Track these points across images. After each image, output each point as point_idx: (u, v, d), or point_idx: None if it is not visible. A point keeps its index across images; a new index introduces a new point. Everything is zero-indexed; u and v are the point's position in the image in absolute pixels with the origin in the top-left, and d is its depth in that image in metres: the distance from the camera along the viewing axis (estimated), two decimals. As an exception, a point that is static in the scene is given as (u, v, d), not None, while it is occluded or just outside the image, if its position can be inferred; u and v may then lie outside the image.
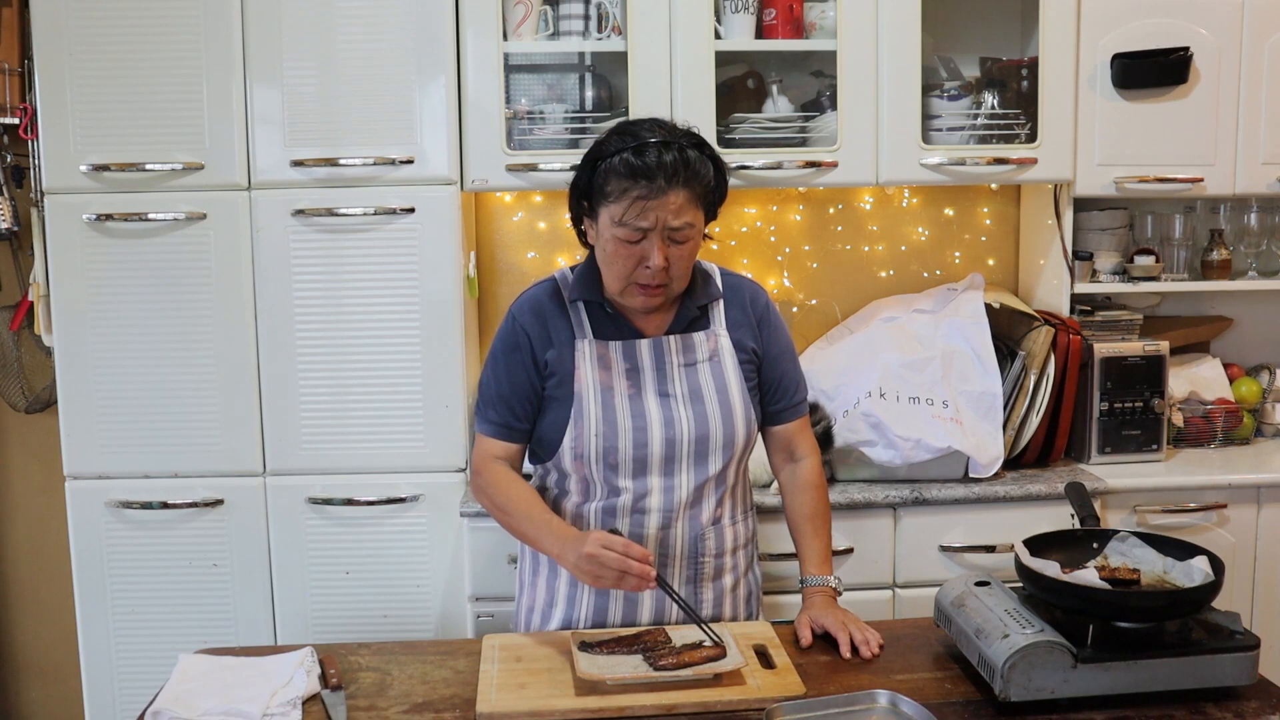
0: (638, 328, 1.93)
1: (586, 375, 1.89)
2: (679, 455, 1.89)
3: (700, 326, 1.95)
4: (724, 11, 2.68)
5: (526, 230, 3.05)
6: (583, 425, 1.88)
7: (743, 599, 2.01)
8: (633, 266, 1.82)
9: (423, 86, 2.58)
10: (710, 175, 1.83)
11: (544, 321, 1.92)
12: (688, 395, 1.90)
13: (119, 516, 2.65)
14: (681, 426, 1.89)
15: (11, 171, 2.89)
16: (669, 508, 1.90)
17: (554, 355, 1.90)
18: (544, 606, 1.98)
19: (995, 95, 2.82)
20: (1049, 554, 1.73)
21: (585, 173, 1.85)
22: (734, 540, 1.98)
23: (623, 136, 1.81)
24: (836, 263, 3.12)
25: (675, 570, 1.93)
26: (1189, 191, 2.82)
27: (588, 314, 1.92)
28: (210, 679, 1.70)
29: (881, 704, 1.58)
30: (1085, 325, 2.84)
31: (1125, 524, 2.62)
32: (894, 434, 2.54)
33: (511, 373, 1.92)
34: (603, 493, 1.91)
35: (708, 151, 1.83)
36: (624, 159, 1.78)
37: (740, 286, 2.01)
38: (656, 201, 1.77)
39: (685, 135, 1.82)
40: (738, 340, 1.95)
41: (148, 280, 2.60)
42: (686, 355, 1.92)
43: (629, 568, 1.70)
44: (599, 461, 1.88)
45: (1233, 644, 1.60)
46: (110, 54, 2.54)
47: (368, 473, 2.65)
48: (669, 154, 1.77)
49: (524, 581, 2.04)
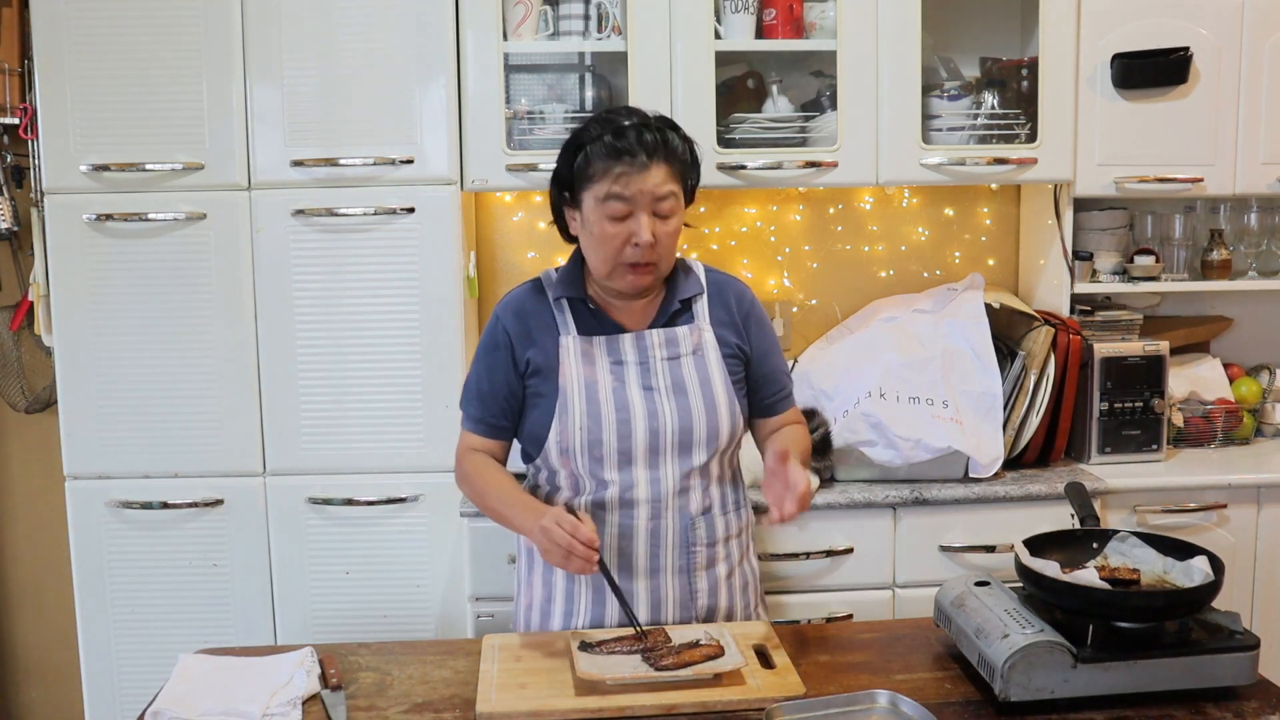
0: (620, 323, 1.95)
1: (571, 370, 1.91)
2: (663, 447, 1.91)
3: (684, 321, 1.97)
4: (724, 11, 2.68)
5: (526, 230, 3.05)
6: (567, 419, 1.90)
7: (739, 588, 2.01)
8: (621, 244, 1.86)
9: (423, 86, 2.58)
10: (686, 154, 1.92)
11: (525, 320, 1.96)
12: (671, 388, 1.92)
13: (119, 516, 2.65)
14: (665, 419, 1.90)
15: (11, 171, 2.89)
16: (656, 498, 1.91)
17: (536, 353, 1.93)
18: (542, 602, 1.98)
19: (995, 95, 2.82)
20: (1049, 554, 1.73)
21: (566, 161, 1.91)
22: (725, 530, 1.99)
23: (600, 123, 1.90)
24: (836, 263, 3.12)
25: (667, 560, 1.94)
26: (1189, 191, 2.82)
27: (571, 311, 1.95)
28: (210, 679, 1.71)
29: (881, 704, 1.58)
30: (1085, 325, 2.84)
31: (1125, 524, 2.62)
32: (894, 434, 2.54)
33: (492, 371, 1.96)
34: (591, 486, 1.92)
35: (681, 134, 1.93)
36: (605, 141, 1.86)
37: (724, 283, 2.04)
38: (639, 175, 1.84)
39: (659, 119, 1.91)
40: (721, 336, 1.98)
41: (148, 280, 2.60)
42: (670, 349, 1.95)
43: (573, 548, 1.74)
44: (584, 454, 1.90)
45: (1232, 644, 1.60)
46: (110, 54, 2.54)
47: (368, 473, 2.65)
48: (648, 133, 1.86)
49: (521, 579, 2.05)
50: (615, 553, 1.92)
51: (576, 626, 1.93)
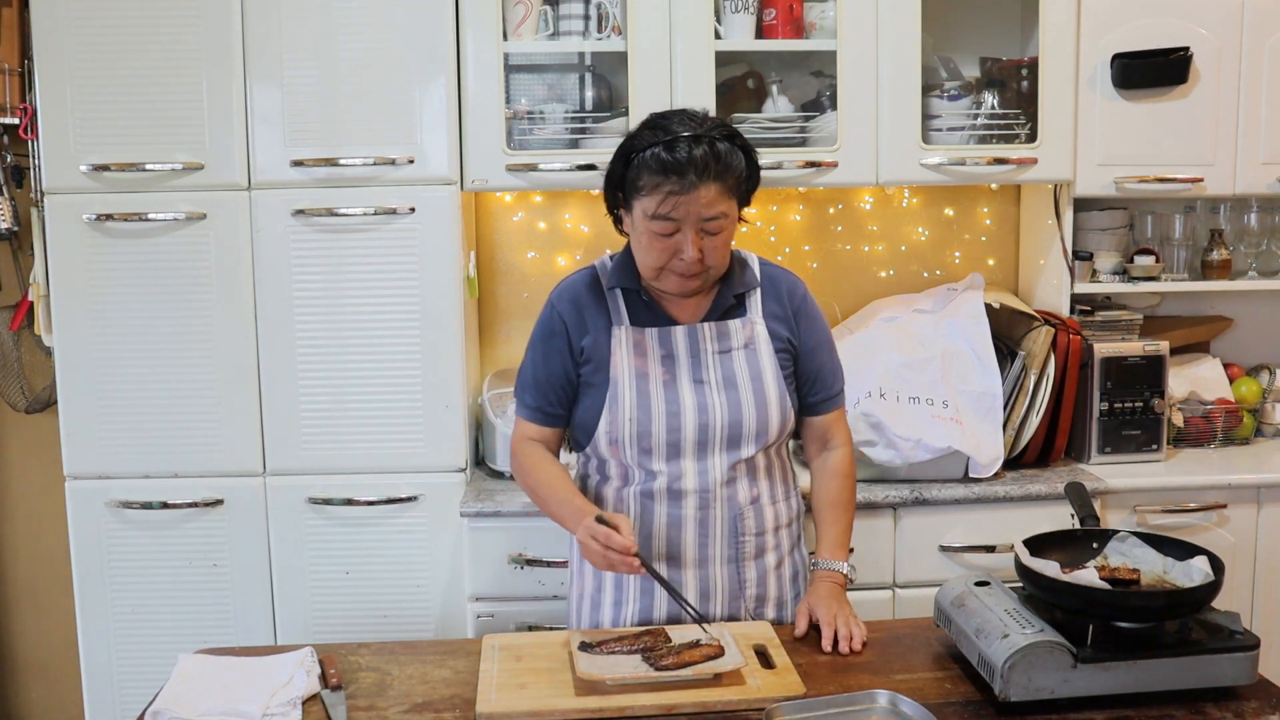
0: (673, 315, 1.95)
1: (622, 361, 1.92)
2: (711, 440, 1.92)
3: (736, 314, 1.97)
4: (724, 11, 2.68)
5: (526, 230, 3.05)
6: (618, 410, 1.91)
7: (788, 578, 2.02)
8: (668, 257, 1.85)
9: (423, 86, 2.58)
10: (742, 165, 1.85)
11: (580, 309, 1.96)
12: (722, 382, 1.92)
13: (119, 516, 2.65)
14: (715, 413, 1.91)
15: (11, 171, 2.89)
16: (705, 488, 1.92)
17: (590, 342, 1.94)
18: (593, 593, 2.01)
19: (995, 95, 2.82)
20: (1049, 554, 1.73)
21: (619, 165, 1.88)
22: (775, 519, 1.99)
23: (654, 130, 1.83)
24: (836, 263, 3.12)
25: (716, 550, 1.94)
26: (1189, 191, 2.82)
27: (625, 301, 1.95)
28: (210, 679, 1.71)
29: (881, 704, 1.58)
30: (1085, 325, 2.84)
31: (1125, 524, 2.62)
32: (894, 434, 2.54)
33: (548, 359, 1.97)
34: (639, 477, 1.94)
35: (738, 142, 1.85)
36: (655, 154, 1.80)
37: (777, 277, 2.03)
38: (688, 196, 1.79)
39: (716, 127, 1.83)
40: (773, 330, 1.98)
41: (148, 280, 2.60)
42: (721, 343, 1.95)
43: (611, 559, 1.75)
44: (633, 445, 1.91)
45: (1232, 644, 1.60)
46: (110, 54, 2.54)
47: (368, 473, 2.65)
48: (699, 148, 1.78)
49: (574, 571, 2.08)
50: (664, 541, 1.93)
51: (626, 618, 1.95)
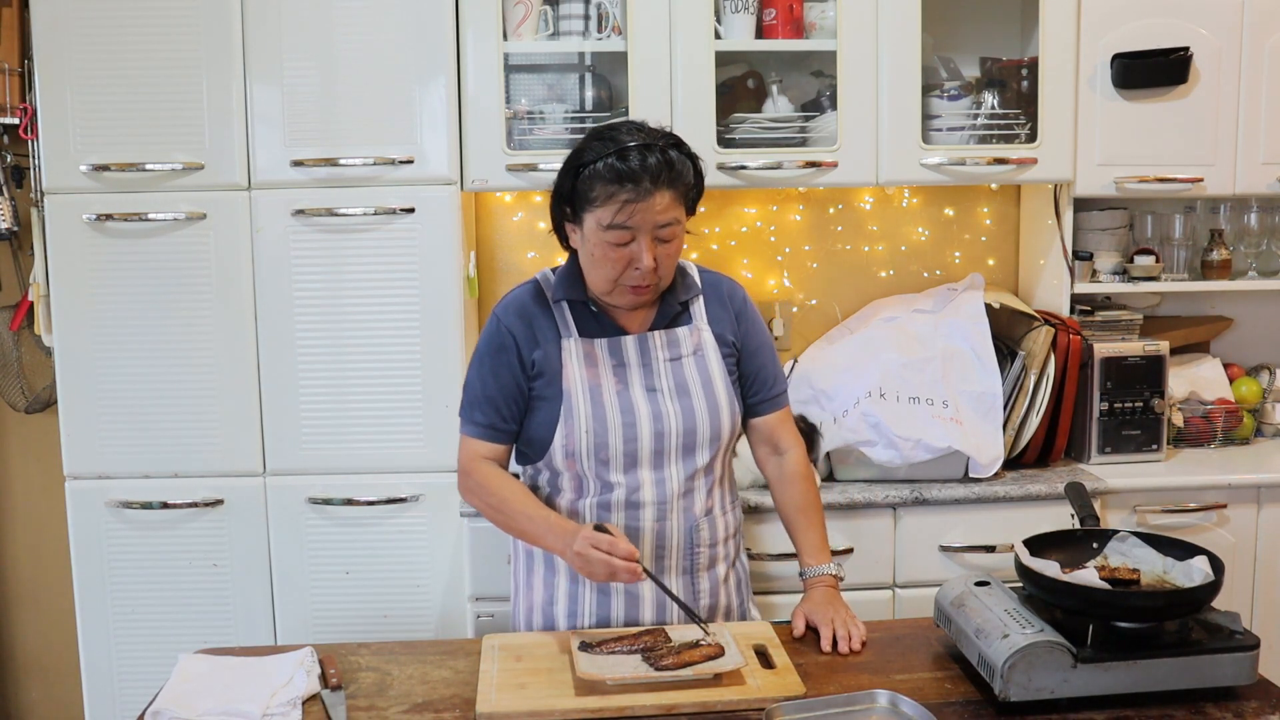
0: (621, 325, 1.95)
1: (574, 373, 1.91)
2: (668, 449, 1.91)
3: (683, 322, 1.97)
4: (724, 11, 2.68)
5: (526, 230, 3.05)
6: (573, 423, 1.89)
7: (734, 588, 2.03)
8: (621, 269, 1.84)
9: (423, 86, 2.58)
10: (690, 174, 1.86)
11: (529, 322, 1.94)
12: (674, 390, 1.93)
13: (119, 516, 2.65)
14: (669, 421, 1.91)
15: (11, 171, 2.89)
16: (662, 500, 1.92)
17: (541, 355, 1.92)
18: (544, 604, 1.98)
19: (995, 95, 2.82)
20: (1049, 554, 1.73)
21: (567, 180, 1.87)
22: (725, 530, 2.01)
23: (603, 142, 1.83)
24: (836, 263, 3.12)
25: (671, 562, 1.94)
26: (1189, 191, 2.82)
27: (572, 313, 1.94)
28: (210, 679, 1.71)
29: (881, 704, 1.58)
30: (1085, 325, 2.84)
31: (1125, 524, 2.62)
32: (894, 434, 2.54)
33: (498, 374, 1.94)
34: (596, 489, 1.92)
35: (686, 150, 1.86)
36: (608, 164, 1.79)
37: (718, 282, 2.04)
38: (644, 204, 1.80)
39: (664, 136, 1.85)
40: (719, 334, 1.98)
41: (148, 280, 2.60)
42: (671, 350, 1.95)
43: (615, 567, 1.73)
44: (590, 457, 1.90)
45: (1232, 644, 1.60)
46: (110, 54, 2.54)
47: (368, 473, 2.65)
48: (652, 156, 1.79)
49: (519, 583, 2.04)
50: None
51: (581, 628, 1.93)
